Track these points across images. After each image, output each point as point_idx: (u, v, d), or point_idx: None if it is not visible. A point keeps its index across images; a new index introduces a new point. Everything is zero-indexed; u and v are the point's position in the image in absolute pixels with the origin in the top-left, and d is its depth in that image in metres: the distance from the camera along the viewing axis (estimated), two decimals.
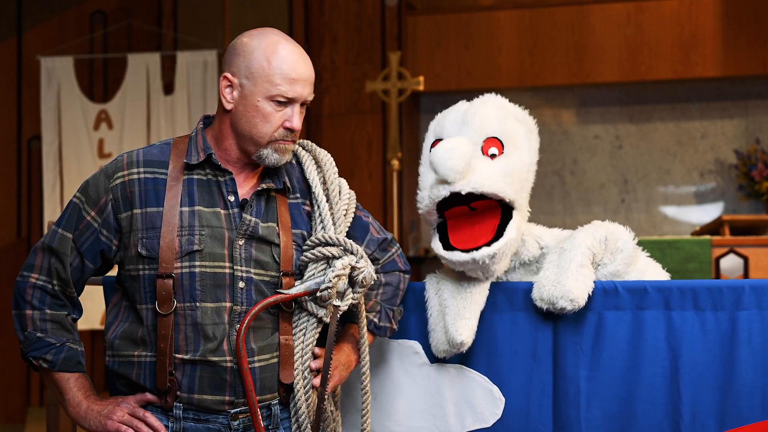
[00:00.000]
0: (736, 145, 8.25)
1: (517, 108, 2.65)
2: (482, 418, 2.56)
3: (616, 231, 2.60)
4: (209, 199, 2.31)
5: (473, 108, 2.58)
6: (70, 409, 2.32)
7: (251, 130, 2.31)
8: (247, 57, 2.31)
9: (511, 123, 2.57)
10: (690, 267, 4.28)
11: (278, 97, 2.29)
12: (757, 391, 2.42)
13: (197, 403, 2.26)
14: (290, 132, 2.32)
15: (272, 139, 2.31)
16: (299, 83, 2.31)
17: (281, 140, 2.32)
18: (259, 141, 2.31)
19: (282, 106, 2.30)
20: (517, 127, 2.58)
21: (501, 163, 2.51)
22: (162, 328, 2.25)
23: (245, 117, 2.31)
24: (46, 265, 2.33)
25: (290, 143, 2.34)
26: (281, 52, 2.31)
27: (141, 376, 2.28)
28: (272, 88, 2.28)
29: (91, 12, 8.25)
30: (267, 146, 2.31)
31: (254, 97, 2.29)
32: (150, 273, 2.27)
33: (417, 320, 2.61)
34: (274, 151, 2.32)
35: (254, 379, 2.26)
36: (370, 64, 8.16)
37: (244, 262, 2.29)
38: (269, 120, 2.30)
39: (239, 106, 2.31)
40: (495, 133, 2.53)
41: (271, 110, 2.30)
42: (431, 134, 2.64)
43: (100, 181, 2.33)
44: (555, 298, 2.44)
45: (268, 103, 2.29)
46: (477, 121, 2.53)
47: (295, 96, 2.30)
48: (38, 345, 2.30)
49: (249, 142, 2.32)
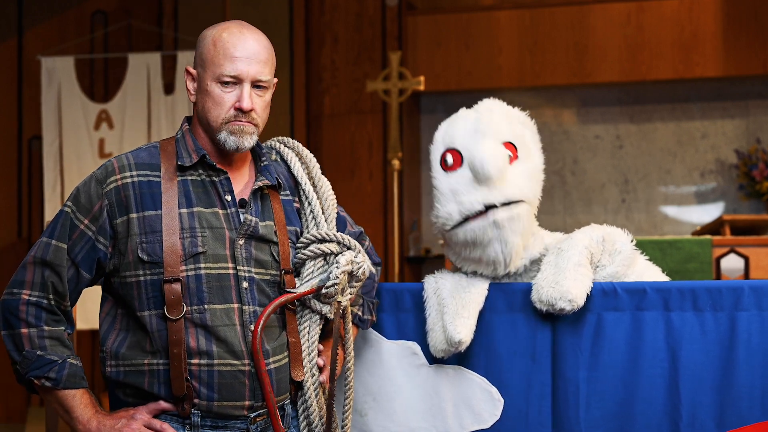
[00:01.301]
0: (737, 145, 8.25)
1: (519, 111, 2.66)
2: (481, 419, 2.56)
3: (614, 233, 2.60)
4: (207, 199, 2.29)
5: (482, 116, 2.58)
6: (79, 427, 2.22)
7: (206, 116, 2.30)
8: (200, 46, 2.32)
9: (518, 127, 2.60)
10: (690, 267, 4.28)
11: (223, 77, 2.27)
12: (756, 392, 2.42)
13: (216, 410, 2.23)
14: (241, 113, 2.28)
15: (224, 120, 2.28)
16: (242, 60, 2.27)
17: (234, 121, 2.28)
18: (213, 125, 2.29)
19: (230, 86, 2.28)
20: (524, 131, 2.61)
21: (520, 168, 2.53)
22: (173, 334, 2.20)
23: (201, 104, 2.31)
24: (39, 280, 2.23)
25: (245, 123, 2.29)
26: (225, 34, 2.29)
27: (154, 384, 2.22)
28: (216, 69, 2.27)
29: (91, 12, 8.25)
30: (222, 129, 2.29)
31: (204, 82, 2.29)
32: (152, 278, 2.23)
33: (416, 321, 2.61)
34: (230, 134, 2.28)
35: (271, 380, 2.24)
36: (371, 64, 8.15)
37: (245, 261, 2.28)
38: (219, 102, 2.28)
39: (198, 95, 2.32)
40: (509, 138, 2.55)
41: (220, 92, 2.28)
42: (440, 144, 2.61)
43: (92, 187, 2.27)
44: (554, 299, 2.44)
45: (216, 85, 2.28)
46: (491, 129, 2.54)
47: (238, 74, 2.27)
48: (39, 363, 2.20)
49: (208, 129, 2.31)
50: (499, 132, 2.54)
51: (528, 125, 2.64)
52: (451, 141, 2.58)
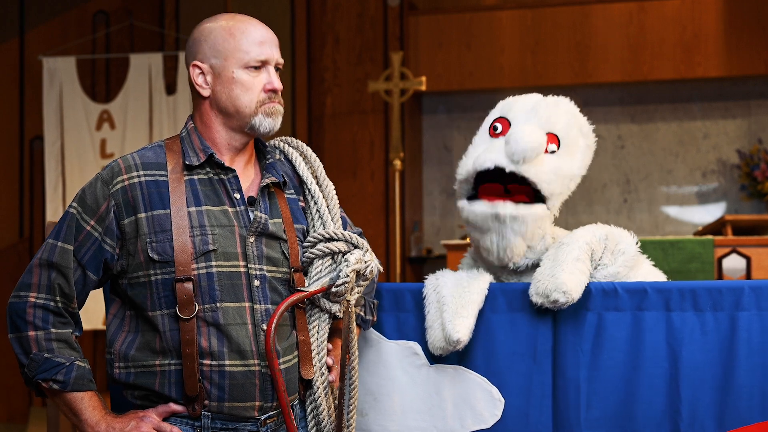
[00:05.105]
0: (739, 145, 8.24)
1: (585, 121, 2.69)
2: (482, 419, 2.56)
3: (619, 233, 2.61)
4: (215, 197, 2.28)
5: (545, 102, 2.64)
6: (88, 430, 2.20)
7: (235, 104, 2.30)
8: (209, 39, 2.32)
9: (575, 131, 2.63)
10: (692, 267, 4.28)
11: (252, 62, 2.30)
12: (756, 392, 2.42)
13: (227, 411, 2.21)
14: (273, 93, 2.32)
15: (259, 103, 2.30)
16: (267, 44, 2.32)
17: (268, 102, 2.31)
18: (246, 111, 2.30)
19: (257, 71, 2.31)
20: (578, 137, 2.64)
21: (553, 161, 2.55)
22: (185, 333, 2.18)
23: (225, 94, 2.31)
24: (45, 282, 2.21)
25: (277, 104, 2.33)
26: (240, 24, 2.33)
27: (166, 385, 2.21)
28: (243, 55, 2.30)
29: (93, 12, 8.25)
30: (257, 113, 2.31)
31: (228, 71, 2.30)
32: (163, 277, 2.21)
33: (416, 321, 2.61)
34: (265, 116, 2.31)
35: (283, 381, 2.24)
36: (373, 64, 8.16)
37: (256, 259, 2.27)
38: (249, 88, 2.30)
39: (216, 87, 2.31)
40: (557, 131, 2.58)
41: (248, 78, 2.30)
42: (497, 110, 2.67)
43: (98, 188, 2.26)
44: (549, 290, 2.44)
45: (244, 71, 2.30)
46: (546, 114, 2.59)
47: (268, 57, 2.31)
48: (47, 366, 2.18)
49: (236, 118, 2.31)
50: (552, 122, 2.59)
51: (587, 137, 2.68)
52: (507, 111, 2.63)
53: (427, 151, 8.59)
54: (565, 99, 2.69)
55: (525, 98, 2.66)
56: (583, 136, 2.65)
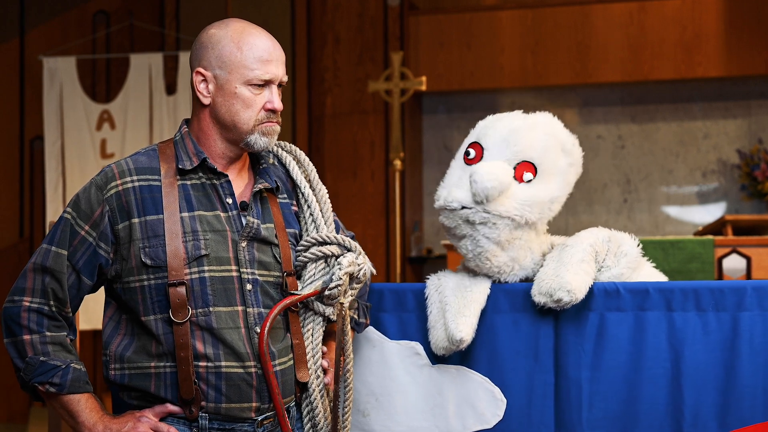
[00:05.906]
0: (739, 145, 8.24)
1: (570, 137, 2.62)
2: (484, 419, 2.56)
3: (620, 235, 2.61)
4: (207, 202, 2.29)
5: (522, 127, 2.57)
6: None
7: (233, 118, 2.30)
8: (216, 48, 2.30)
9: (553, 153, 2.56)
10: (692, 267, 4.28)
11: (255, 80, 2.29)
12: (758, 392, 2.41)
13: (224, 412, 2.23)
14: (272, 113, 2.32)
15: (257, 122, 2.30)
16: (272, 64, 2.30)
17: (266, 122, 2.31)
18: (244, 128, 2.30)
19: (260, 89, 2.30)
20: (557, 159, 2.56)
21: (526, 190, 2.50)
22: (179, 337, 2.20)
23: (225, 107, 2.30)
24: (39, 287, 2.22)
25: (275, 124, 2.33)
26: (249, 37, 2.30)
27: (161, 387, 2.22)
28: (248, 72, 2.28)
29: (93, 12, 8.25)
30: (253, 131, 2.30)
31: (231, 85, 2.29)
32: (156, 282, 2.22)
33: (418, 321, 2.61)
34: (261, 135, 2.31)
35: (278, 382, 2.25)
36: (373, 64, 8.16)
37: (248, 264, 2.28)
38: (250, 105, 2.29)
39: (217, 98, 2.30)
40: (533, 158, 2.52)
41: (250, 95, 2.29)
42: (473, 134, 2.64)
43: (92, 193, 2.26)
44: (552, 289, 2.44)
45: (246, 88, 2.29)
46: (521, 143, 2.53)
47: (272, 77, 2.30)
48: (43, 369, 2.19)
49: (233, 132, 2.31)
50: (526, 150, 2.52)
51: (571, 155, 2.59)
52: (482, 136, 2.60)
53: (428, 151, 8.59)
54: (545, 118, 2.62)
55: (502, 122, 2.60)
56: (565, 155, 2.58)
